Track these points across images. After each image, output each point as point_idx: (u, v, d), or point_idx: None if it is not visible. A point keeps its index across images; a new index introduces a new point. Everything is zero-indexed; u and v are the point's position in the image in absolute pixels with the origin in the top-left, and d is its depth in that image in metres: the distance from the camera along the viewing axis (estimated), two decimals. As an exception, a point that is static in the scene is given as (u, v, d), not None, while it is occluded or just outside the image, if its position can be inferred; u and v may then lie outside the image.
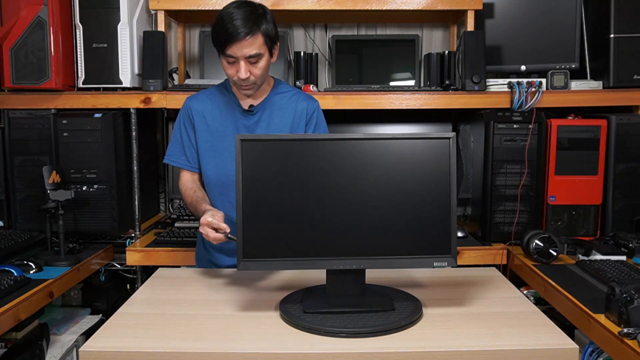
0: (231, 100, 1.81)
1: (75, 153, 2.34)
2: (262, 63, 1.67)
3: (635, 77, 2.34)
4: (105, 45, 2.34)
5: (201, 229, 1.55)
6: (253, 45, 1.62)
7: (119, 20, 2.32)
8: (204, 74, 2.68)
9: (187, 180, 1.85)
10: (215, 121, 1.81)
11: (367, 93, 2.36)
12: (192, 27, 2.87)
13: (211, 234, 1.52)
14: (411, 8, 2.44)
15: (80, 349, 1.30)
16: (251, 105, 1.79)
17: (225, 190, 1.79)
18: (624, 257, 2.00)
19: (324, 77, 2.87)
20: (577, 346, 1.26)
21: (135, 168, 2.42)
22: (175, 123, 1.87)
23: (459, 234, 2.36)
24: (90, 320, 2.40)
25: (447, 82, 2.52)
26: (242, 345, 1.25)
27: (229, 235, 1.51)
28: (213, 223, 1.52)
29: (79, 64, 2.37)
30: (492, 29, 2.51)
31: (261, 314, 1.43)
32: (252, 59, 1.65)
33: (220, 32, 1.62)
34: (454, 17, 2.73)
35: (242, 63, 1.64)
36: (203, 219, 1.55)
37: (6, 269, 1.92)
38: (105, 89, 2.38)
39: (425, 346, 1.25)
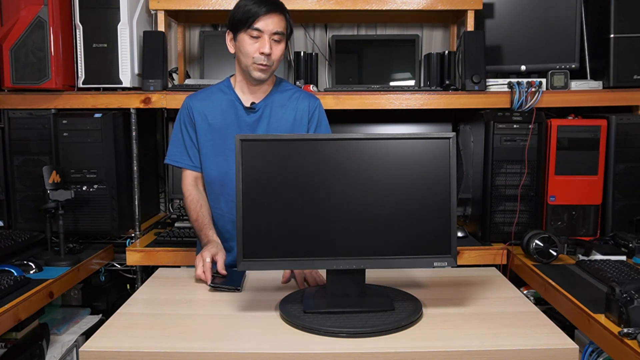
0: (232, 98, 1.81)
1: (75, 153, 2.34)
2: (282, 46, 1.74)
3: (635, 77, 2.34)
4: (105, 45, 2.34)
5: (197, 264, 1.62)
6: (280, 23, 1.71)
7: (119, 20, 2.32)
8: (204, 74, 2.68)
9: (191, 186, 1.85)
10: (216, 119, 1.81)
11: (367, 93, 2.36)
12: (192, 27, 2.87)
13: (199, 270, 1.60)
14: (411, 8, 2.44)
15: (80, 349, 1.30)
16: (253, 103, 1.80)
17: (227, 189, 1.79)
18: (624, 257, 2.00)
19: (324, 77, 2.87)
20: (577, 346, 1.26)
21: (135, 168, 2.42)
22: (175, 123, 1.86)
23: (459, 234, 2.36)
24: (90, 320, 2.40)
25: (447, 82, 2.52)
26: (242, 345, 1.25)
27: (215, 282, 1.58)
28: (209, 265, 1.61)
29: (79, 64, 2.37)
30: (492, 29, 2.51)
31: (261, 314, 1.43)
32: (276, 37, 1.71)
33: (248, 5, 1.68)
34: (454, 17, 2.73)
35: (267, 38, 1.69)
36: (204, 254, 1.62)
37: (6, 269, 1.92)
38: (105, 89, 2.38)
39: (425, 346, 1.25)
